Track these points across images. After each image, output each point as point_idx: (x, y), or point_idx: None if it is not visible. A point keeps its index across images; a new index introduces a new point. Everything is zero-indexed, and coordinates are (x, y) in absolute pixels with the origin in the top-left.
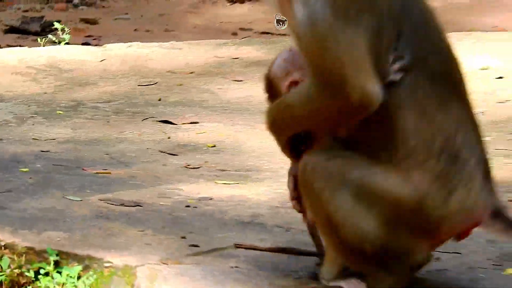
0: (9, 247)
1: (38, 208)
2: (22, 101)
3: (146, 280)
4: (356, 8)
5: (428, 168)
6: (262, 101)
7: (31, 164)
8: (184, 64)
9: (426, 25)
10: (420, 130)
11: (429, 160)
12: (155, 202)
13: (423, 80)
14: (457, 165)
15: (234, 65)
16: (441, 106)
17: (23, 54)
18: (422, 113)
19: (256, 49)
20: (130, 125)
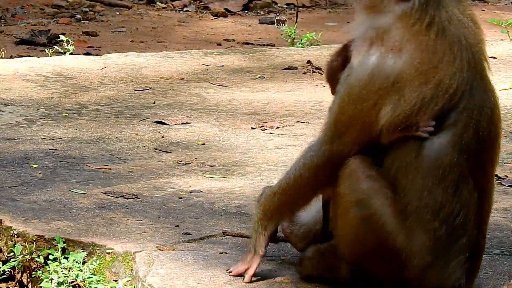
0: (21, 236)
1: (47, 200)
2: (32, 104)
3: (144, 265)
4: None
5: (427, 230)
6: (245, 104)
7: (40, 161)
8: (175, 71)
9: (481, 109)
10: (434, 195)
11: (430, 224)
12: (151, 195)
13: (452, 151)
14: (450, 240)
15: (220, 72)
16: (458, 181)
17: (32, 63)
18: (439, 180)
19: (239, 58)
20: (128, 125)
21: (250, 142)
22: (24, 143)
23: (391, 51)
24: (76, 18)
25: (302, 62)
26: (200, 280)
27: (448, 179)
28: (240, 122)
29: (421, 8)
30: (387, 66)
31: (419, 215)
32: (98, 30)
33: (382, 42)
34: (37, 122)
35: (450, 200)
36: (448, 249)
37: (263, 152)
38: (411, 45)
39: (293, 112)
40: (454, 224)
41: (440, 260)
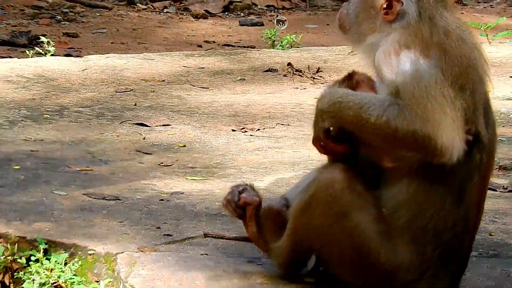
0: (3, 237)
1: (29, 201)
2: (13, 106)
3: (125, 266)
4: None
5: (412, 249)
6: (226, 106)
7: (22, 162)
8: (156, 73)
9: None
10: (445, 215)
11: (416, 242)
12: (132, 196)
13: (465, 166)
14: (440, 260)
15: (201, 74)
16: (466, 196)
17: (13, 65)
18: (449, 197)
19: (219, 60)
20: (109, 127)
21: (231, 144)
22: (5, 144)
23: (421, 57)
24: (56, 19)
25: (283, 64)
26: (181, 281)
27: (459, 196)
28: (221, 124)
29: (421, 20)
30: (424, 69)
31: (415, 237)
32: (79, 31)
33: (409, 50)
34: (18, 124)
35: (455, 219)
36: (438, 268)
37: (244, 154)
38: (435, 53)
39: (273, 114)
40: (450, 245)
41: (428, 277)
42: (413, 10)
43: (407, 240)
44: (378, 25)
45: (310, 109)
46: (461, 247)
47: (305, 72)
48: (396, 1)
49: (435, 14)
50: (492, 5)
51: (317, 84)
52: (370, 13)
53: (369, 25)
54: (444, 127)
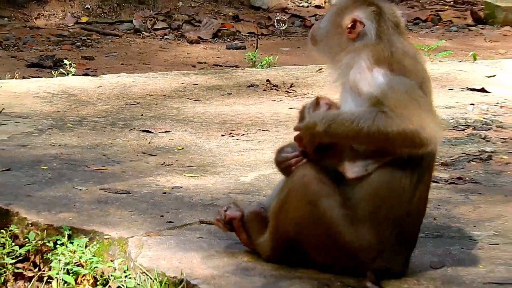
0: (34, 225)
1: (55, 195)
2: (42, 117)
3: (135, 248)
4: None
5: (372, 233)
6: (216, 115)
7: (49, 163)
8: (158, 89)
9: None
10: (391, 201)
11: (377, 227)
12: (140, 190)
13: (419, 167)
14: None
15: (195, 89)
16: (418, 191)
17: (41, 83)
18: (407, 192)
19: (210, 77)
20: (121, 134)
21: (221, 147)
22: (35, 149)
23: (390, 70)
24: (76, 45)
25: (262, 81)
26: (181, 260)
27: (414, 191)
28: (212, 130)
29: (381, 41)
30: (398, 81)
31: (377, 223)
32: (94, 55)
33: (379, 66)
34: (46, 132)
35: (410, 210)
36: (394, 248)
37: (231, 155)
38: (399, 67)
39: (255, 122)
40: (406, 230)
41: (385, 255)
42: (373, 33)
43: (368, 225)
44: (343, 43)
45: (285, 117)
46: (414, 231)
47: (280, 87)
48: (359, 23)
49: (392, 37)
50: (433, 30)
51: (290, 96)
52: (337, 30)
53: (335, 40)
54: (426, 121)
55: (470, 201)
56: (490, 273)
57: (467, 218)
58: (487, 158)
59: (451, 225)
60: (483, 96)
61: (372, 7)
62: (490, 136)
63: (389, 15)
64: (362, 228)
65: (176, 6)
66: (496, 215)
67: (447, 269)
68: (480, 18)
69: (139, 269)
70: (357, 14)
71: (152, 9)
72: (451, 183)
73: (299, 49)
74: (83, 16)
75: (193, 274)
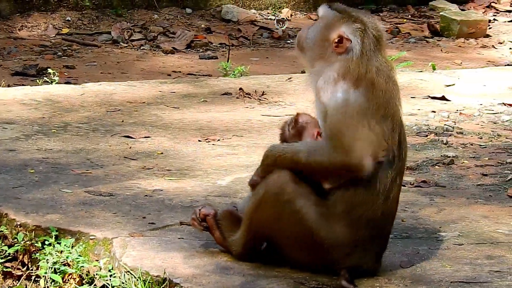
0: (23, 226)
1: (42, 197)
2: (28, 123)
3: (119, 248)
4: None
5: (347, 231)
6: (193, 121)
7: (36, 167)
8: (138, 96)
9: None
10: (365, 203)
11: (351, 226)
12: (123, 193)
13: (390, 173)
14: (370, 238)
15: (172, 97)
16: (392, 194)
17: (27, 91)
18: (380, 195)
19: (186, 86)
20: (103, 139)
21: (198, 152)
22: (22, 153)
23: (354, 89)
24: (58, 55)
25: (235, 89)
26: (164, 259)
27: (387, 194)
28: (189, 136)
29: (361, 58)
30: (354, 100)
31: (353, 222)
32: (75, 64)
33: (344, 81)
34: (32, 137)
35: (384, 211)
36: (367, 245)
37: (208, 159)
38: (367, 86)
39: (230, 128)
40: (379, 230)
41: (359, 252)
42: (358, 49)
43: (343, 223)
44: (327, 54)
45: (258, 123)
46: (386, 230)
47: (253, 95)
48: (346, 39)
49: (372, 55)
50: (393, 42)
51: (262, 104)
52: (324, 43)
53: (320, 52)
54: (357, 151)
55: (435, 203)
56: (457, 272)
57: (433, 219)
58: (450, 163)
59: (418, 227)
60: (443, 104)
61: (358, 24)
62: (452, 142)
63: (372, 31)
64: (337, 226)
65: (152, 19)
66: (460, 217)
67: (416, 268)
68: (436, 30)
69: (124, 268)
70: (343, 30)
71: (129, 21)
72: (416, 186)
73: (268, 59)
74: (64, 27)
75: (176, 273)
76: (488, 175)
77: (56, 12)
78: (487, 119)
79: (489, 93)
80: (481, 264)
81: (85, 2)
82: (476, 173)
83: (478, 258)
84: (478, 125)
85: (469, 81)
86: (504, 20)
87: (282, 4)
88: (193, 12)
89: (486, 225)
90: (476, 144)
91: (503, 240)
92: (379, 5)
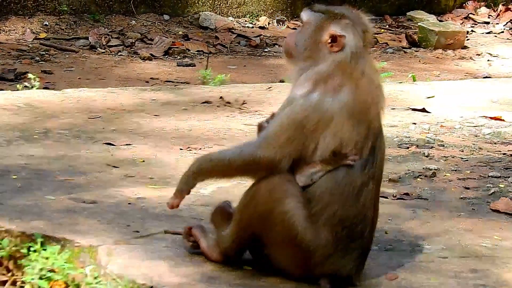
0: (8, 232)
1: (26, 204)
2: (9, 128)
3: (105, 255)
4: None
5: (332, 231)
6: (174, 130)
7: (18, 173)
8: (118, 103)
9: (382, 137)
10: (344, 207)
11: (336, 227)
12: (106, 201)
13: (361, 177)
14: (348, 240)
15: (153, 104)
16: (363, 197)
17: (7, 95)
18: (350, 196)
19: (167, 94)
20: (85, 146)
21: (180, 160)
22: (4, 159)
23: (333, 91)
24: (35, 60)
25: (216, 98)
26: (150, 268)
27: (357, 196)
28: (171, 144)
29: (353, 58)
30: (329, 104)
31: (328, 220)
32: (53, 69)
33: (325, 84)
34: (14, 142)
35: (356, 212)
36: (346, 246)
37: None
38: (350, 88)
39: (211, 136)
40: (354, 230)
41: (339, 252)
42: (353, 44)
43: (322, 222)
44: (321, 57)
45: (239, 132)
46: (363, 232)
47: (233, 104)
48: (340, 36)
49: (359, 56)
50: (370, 52)
51: (243, 113)
52: (317, 46)
53: (313, 56)
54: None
55: (418, 216)
56: (442, 285)
57: (417, 232)
58: (432, 175)
59: (402, 239)
60: (424, 116)
61: (345, 20)
62: (433, 154)
63: (360, 25)
64: (319, 226)
65: (129, 25)
66: (443, 230)
67: (401, 281)
68: (414, 41)
69: (110, 276)
70: (334, 28)
71: (107, 27)
72: (399, 199)
73: (245, 67)
74: (42, 32)
75: (162, 282)
76: (471, 189)
77: (34, 17)
78: (468, 132)
79: (469, 105)
80: (466, 277)
81: (62, 7)
82: (458, 186)
83: (463, 271)
84: (459, 138)
85: (449, 93)
86: (481, 32)
87: (259, 12)
88: (171, 18)
89: (469, 239)
90: (457, 157)
91: (487, 253)
92: None
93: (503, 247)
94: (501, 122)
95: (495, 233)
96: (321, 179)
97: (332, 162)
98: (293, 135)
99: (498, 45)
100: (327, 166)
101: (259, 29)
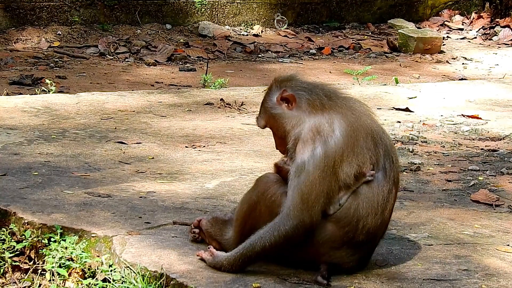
0: (30, 224)
1: (46, 198)
2: (29, 129)
3: (119, 245)
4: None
5: (342, 233)
6: (179, 129)
7: (39, 170)
8: (128, 105)
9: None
10: (368, 216)
11: (348, 231)
12: (119, 194)
13: (385, 185)
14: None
15: (160, 106)
16: (382, 209)
17: (27, 99)
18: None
19: (172, 96)
20: (99, 144)
21: (186, 157)
22: (26, 157)
23: (328, 130)
24: (50, 66)
25: (217, 100)
26: (160, 256)
27: (385, 204)
28: (177, 142)
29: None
30: (333, 143)
31: (340, 221)
32: (66, 75)
33: (318, 131)
34: (34, 142)
35: (382, 220)
36: (358, 246)
37: (195, 164)
38: (336, 116)
39: (213, 135)
40: (372, 235)
41: (345, 249)
42: (306, 97)
43: (340, 225)
44: (285, 115)
45: (239, 131)
46: (378, 237)
47: (233, 105)
48: (290, 96)
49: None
50: (355, 57)
51: (242, 114)
52: (277, 111)
53: (279, 117)
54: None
55: (405, 206)
56: (428, 270)
57: (404, 221)
58: (416, 169)
59: (390, 228)
60: (407, 115)
61: (288, 82)
62: (417, 150)
63: (306, 83)
64: (332, 226)
65: (135, 34)
66: (428, 220)
67: (390, 267)
68: (395, 46)
69: (124, 264)
70: (283, 89)
71: (114, 35)
72: None
73: (241, 71)
74: (55, 41)
75: (172, 269)
76: (452, 181)
77: (48, 27)
78: (448, 129)
79: (448, 105)
80: (450, 263)
81: (74, 17)
82: (441, 179)
83: (447, 257)
84: (441, 135)
85: (429, 94)
86: (456, 38)
87: (253, 21)
88: (173, 28)
89: (452, 227)
90: (439, 152)
91: (468, 241)
92: (342, 23)
93: (483, 235)
94: (478, 120)
95: (475, 222)
96: (347, 201)
97: (353, 183)
98: (318, 191)
99: (472, 49)
100: (349, 188)
101: (253, 36)
